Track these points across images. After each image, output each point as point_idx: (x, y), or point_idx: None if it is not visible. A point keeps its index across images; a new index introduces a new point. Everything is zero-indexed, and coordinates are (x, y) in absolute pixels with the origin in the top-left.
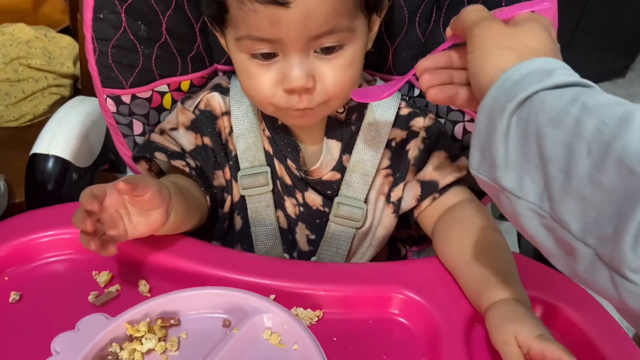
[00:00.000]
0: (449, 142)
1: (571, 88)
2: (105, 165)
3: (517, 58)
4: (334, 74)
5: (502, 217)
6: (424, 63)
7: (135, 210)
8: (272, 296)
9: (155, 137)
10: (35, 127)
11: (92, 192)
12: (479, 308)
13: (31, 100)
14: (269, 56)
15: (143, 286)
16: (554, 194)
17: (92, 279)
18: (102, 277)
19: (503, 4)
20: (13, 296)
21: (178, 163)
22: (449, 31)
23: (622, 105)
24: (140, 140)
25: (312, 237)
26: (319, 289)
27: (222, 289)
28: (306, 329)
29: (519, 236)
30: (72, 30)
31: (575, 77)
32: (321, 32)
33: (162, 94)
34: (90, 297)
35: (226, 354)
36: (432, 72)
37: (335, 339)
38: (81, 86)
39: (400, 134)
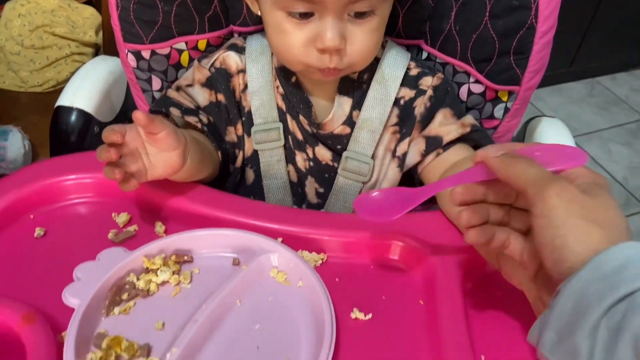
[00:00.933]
0: (455, 101)
1: None
2: (124, 122)
3: (607, 237)
4: (363, 38)
5: None
6: (460, 192)
7: (153, 150)
8: (280, 239)
9: (172, 93)
10: (59, 92)
11: (112, 128)
12: None
13: (55, 67)
14: (305, 15)
15: (159, 227)
16: None
17: (111, 220)
18: (121, 218)
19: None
20: (38, 231)
21: (191, 119)
22: (477, 159)
23: None
24: (158, 95)
25: (321, 190)
26: (323, 234)
27: (232, 231)
28: (311, 268)
29: None
30: (95, 2)
31: None
32: None
33: (180, 51)
34: (110, 235)
35: (235, 288)
36: (472, 210)
37: (337, 279)
38: (103, 54)
39: (409, 93)
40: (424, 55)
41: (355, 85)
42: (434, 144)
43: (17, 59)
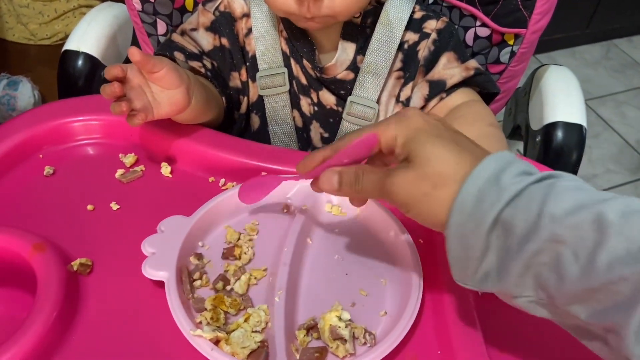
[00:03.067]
0: (459, 44)
1: (528, 194)
2: None
3: (452, 190)
4: None
5: (511, 137)
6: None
7: (157, 89)
8: None
9: (176, 37)
10: None
11: (112, 65)
12: None
13: (63, 19)
14: None
15: (165, 168)
16: (550, 291)
17: (118, 160)
18: (128, 159)
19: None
20: (47, 170)
21: (195, 64)
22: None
23: (589, 209)
24: (163, 40)
25: (326, 135)
26: None
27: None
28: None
29: (525, 150)
30: None
31: (519, 167)
32: None
33: None
34: (117, 174)
35: (303, 228)
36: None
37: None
38: None
39: (413, 37)
40: None
41: (359, 30)
42: (437, 88)
43: (26, 11)
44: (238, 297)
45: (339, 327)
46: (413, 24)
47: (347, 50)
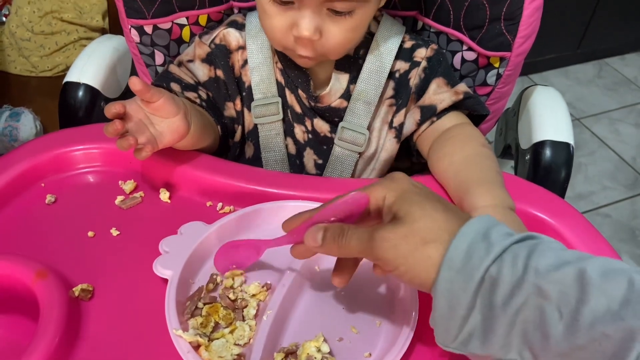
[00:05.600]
0: (448, 70)
1: (513, 251)
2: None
3: (441, 247)
4: (339, 34)
5: (502, 156)
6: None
7: (157, 119)
8: None
9: (173, 68)
10: None
11: (111, 103)
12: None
13: (64, 51)
14: (286, 3)
15: (164, 194)
16: (536, 350)
17: (118, 187)
18: (128, 185)
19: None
20: (49, 198)
21: (190, 95)
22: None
23: (571, 265)
24: (161, 70)
25: (319, 161)
26: (322, 198)
27: (296, 202)
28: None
29: (516, 169)
30: None
31: (504, 228)
32: None
33: (182, 26)
34: (117, 201)
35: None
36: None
37: None
38: None
39: (404, 66)
40: (419, 24)
41: (351, 61)
42: (428, 113)
43: (27, 44)
44: (232, 311)
45: (315, 357)
46: (404, 53)
47: (340, 80)
